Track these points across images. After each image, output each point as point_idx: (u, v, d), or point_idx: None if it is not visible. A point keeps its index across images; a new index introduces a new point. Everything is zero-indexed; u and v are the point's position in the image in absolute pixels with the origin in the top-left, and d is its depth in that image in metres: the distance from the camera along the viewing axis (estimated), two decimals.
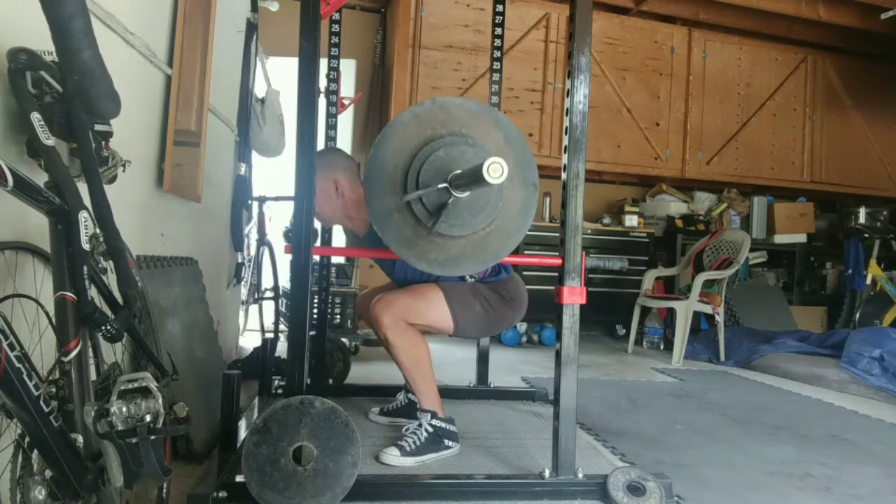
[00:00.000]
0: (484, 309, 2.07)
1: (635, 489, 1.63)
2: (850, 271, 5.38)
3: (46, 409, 0.94)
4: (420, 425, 1.96)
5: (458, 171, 1.47)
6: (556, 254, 1.71)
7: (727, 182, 5.62)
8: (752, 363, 4.13)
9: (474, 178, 1.34)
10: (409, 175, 1.54)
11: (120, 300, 1.28)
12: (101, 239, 1.22)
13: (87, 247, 1.12)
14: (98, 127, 1.33)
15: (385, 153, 1.56)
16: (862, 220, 5.52)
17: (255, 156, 3.39)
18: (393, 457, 1.88)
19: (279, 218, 3.88)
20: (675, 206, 5.54)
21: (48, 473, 0.98)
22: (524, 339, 4.85)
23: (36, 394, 0.92)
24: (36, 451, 0.98)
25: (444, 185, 1.47)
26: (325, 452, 1.44)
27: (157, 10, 2.05)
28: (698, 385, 3.53)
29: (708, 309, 4.27)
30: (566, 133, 1.70)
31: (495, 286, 2.11)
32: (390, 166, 1.56)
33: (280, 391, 2.38)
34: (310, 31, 1.57)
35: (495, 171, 1.25)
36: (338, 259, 4.48)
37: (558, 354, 1.69)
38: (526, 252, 4.77)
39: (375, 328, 2.00)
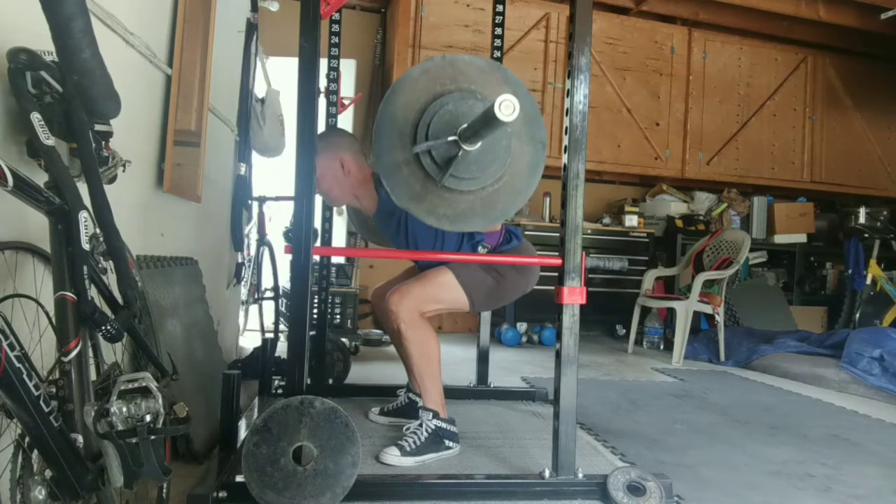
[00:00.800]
0: (496, 280, 2.07)
1: (635, 489, 1.63)
2: (850, 271, 5.38)
3: (46, 409, 0.94)
4: (421, 425, 1.96)
5: (467, 125, 1.47)
6: (556, 254, 1.71)
7: (727, 182, 5.62)
8: (752, 363, 4.13)
9: (486, 120, 1.33)
10: (419, 128, 1.54)
11: (120, 300, 1.28)
12: (101, 239, 1.22)
13: (87, 247, 1.12)
14: (98, 127, 1.33)
15: (395, 107, 1.57)
16: (862, 220, 5.52)
17: (255, 156, 3.39)
18: (393, 456, 1.88)
19: (279, 218, 3.89)
20: (675, 206, 5.54)
21: (48, 473, 0.98)
22: (524, 339, 4.85)
23: (36, 394, 0.92)
24: (36, 451, 0.98)
25: (454, 137, 1.47)
26: (325, 452, 1.44)
27: (157, 10, 2.05)
28: (698, 385, 3.53)
29: (708, 309, 4.27)
30: (566, 133, 1.70)
31: (507, 256, 2.11)
32: (400, 120, 1.56)
33: (280, 391, 2.38)
34: (310, 31, 1.57)
35: (507, 108, 1.24)
36: (338, 259, 4.48)
37: (558, 354, 1.69)
38: None
39: (389, 320, 1.99)
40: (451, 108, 1.53)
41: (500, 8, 2.74)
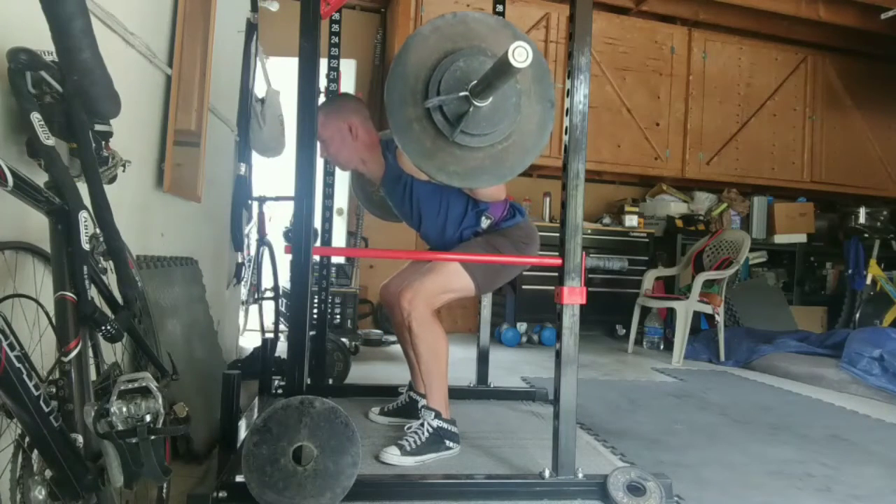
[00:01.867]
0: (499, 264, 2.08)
1: (635, 489, 1.63)
2: (850, 271, 5.38)
3: (46, 409, 0.94)
4: (422, 424, 1.96)
5: (478, 79, 1.47)
6: (556, 254, 1.71)
7: (727, 182, 5.62)
8: (752, 363, 4.12)
9: (499, 69, 1.33)
10: (430, 85, 1.55)
11: (120, 300, 1.28)
12: (101, 239, 1.22)
13: (87, 247, 1.12)
14: (98, 127, 1.32)
15: (406, 65, 1.57)
16: (862, 220, 5.52)
17: (255, 156, 3.39)
18: (393, 456, 1.88)
19: (279, 218, 3.88)
20: (675, 206, 5.54)
21: (48, 473, 0.98)
22: (524, 339, 4.85)
23: (36, 394, 0.92)
24: (36, 451, 0.98)
25: (465, 93, 1.48)
26: (325, 452, 1.44)
27: (157, 10, 2.05)
28: (698, 385, 3.53)
29: (708, 309, 4.27)
30: (566, 133, 1.70)
31: (508, 232, 2.10)
32: (411, 77, 1.56)
33: (280, 391, 2.38)
34: (310, 31, 1.57)
35: (520, 55, 1.24)
36: (338, 259, 4.48)
37: (558, 354, 1.69)
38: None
39: (400, 317, 2.00)
40: (462, 65, 1.53)
41: (500, 8, 2.74)
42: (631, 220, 5.22)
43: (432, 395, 2.00)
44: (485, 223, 2.10)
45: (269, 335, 2.99)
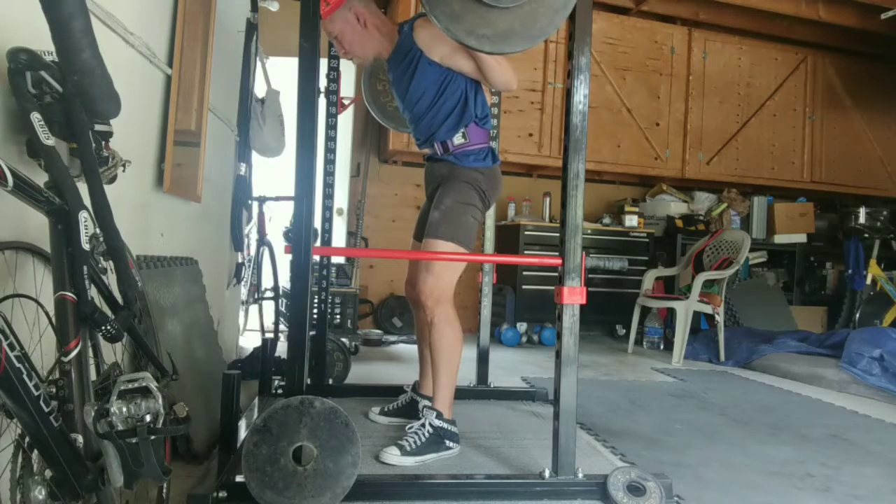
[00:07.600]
0: (475, 219, 2.07)
1: (635, 489, 1.63)
2: (850, 271, 5.38)
3: (46, 409, 0.94)
4: (423, 425, 1.96)
5: None
6: (556, 254, 1.71)
7: (727, 182, 5.62)
8: (752, 363, 4.13)
9: None
10: None
11: (120, 300, 1.28)
12: (101, 239, 1.22)
13: (87, 247, 1.12)
14: (98, 127, 1.33)
15: None
16: (862, 220, 5.52)
17: (255, 156, 3.39)
18: (393, 456, 1.88)
19: (279, 218, 3.88)
20: (675, 206, 5.54)
21: (48, 473, 0.98)
22: (524, 339, 4.85)
23: (36, 394, 0.92)
24: (36, 451, 0.98)
25: None
26: (325, 452, 1.44)
27: (157, 10, 2.05)
28: (698, 385, 3.53)
29: (708, 309, 4.27)
30: (566, 133, 1.70)
31: (474, 177, 2.07)
32: None
33: (280, 391, 2.38)
34: (310, 31, 1.57)
35: None
36: (338, 259, 4.48)
37: (558, 354, 1.69)
38: (526, 252, 4.77)
39: (423, 315, 2.02)
40: None
41: None
42: (631, 220, 5.22)
43: (439, 392, 2.00)
44: (458, 139, 2.06)
45: (269, 335, 2.98)
